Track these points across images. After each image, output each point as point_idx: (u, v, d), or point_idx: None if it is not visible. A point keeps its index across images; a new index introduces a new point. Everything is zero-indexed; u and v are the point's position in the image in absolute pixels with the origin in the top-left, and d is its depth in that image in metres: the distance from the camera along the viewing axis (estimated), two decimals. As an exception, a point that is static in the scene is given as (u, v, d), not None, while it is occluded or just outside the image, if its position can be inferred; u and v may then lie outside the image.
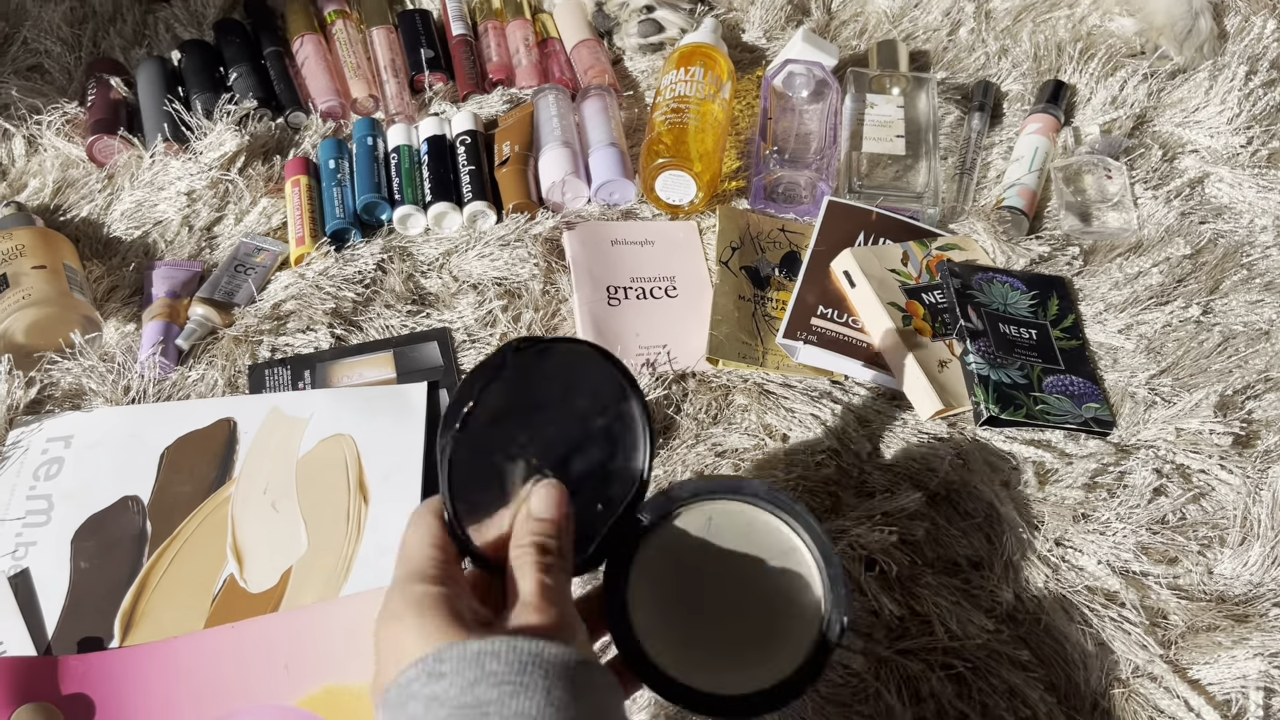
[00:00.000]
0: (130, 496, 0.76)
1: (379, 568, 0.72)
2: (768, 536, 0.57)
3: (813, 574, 0.56)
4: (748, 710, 0.52)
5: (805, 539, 0.56)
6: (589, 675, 0.44)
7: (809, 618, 0.54)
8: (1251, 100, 1.01)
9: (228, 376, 0.83)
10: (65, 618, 0.71)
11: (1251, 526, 0.75)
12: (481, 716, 0.40)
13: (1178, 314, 0.87)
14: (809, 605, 0.55)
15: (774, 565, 0.56)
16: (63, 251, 0.86)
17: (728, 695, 0.53)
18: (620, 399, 0.56)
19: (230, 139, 0.95)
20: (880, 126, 0.98)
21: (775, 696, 0.53)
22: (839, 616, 0.54)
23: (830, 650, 0.53)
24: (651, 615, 0.55)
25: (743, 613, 0.55)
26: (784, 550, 0.56)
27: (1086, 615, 0.71)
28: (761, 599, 0.55)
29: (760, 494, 0.57)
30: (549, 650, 0.43)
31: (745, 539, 0.57)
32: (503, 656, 0.42)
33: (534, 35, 1.09)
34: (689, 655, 0.54)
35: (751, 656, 0.54)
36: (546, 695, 0.41)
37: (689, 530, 0.57)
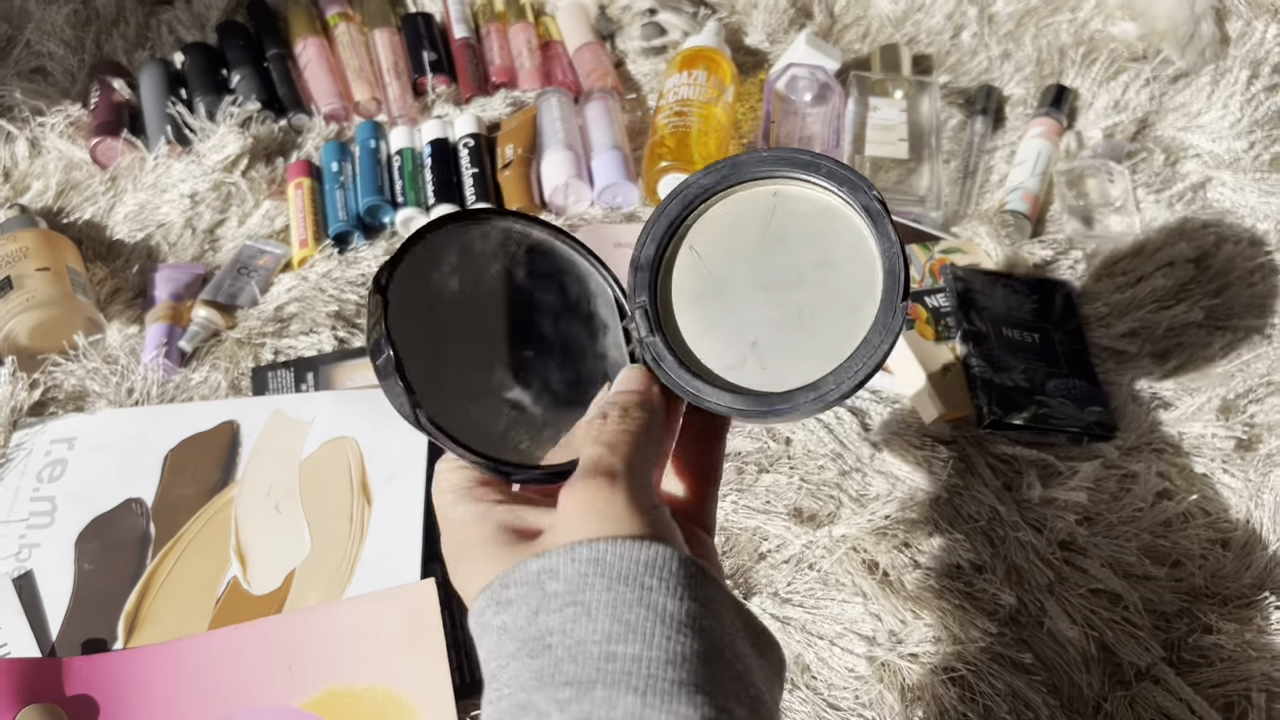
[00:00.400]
0: (134, 498, 0.76)
1: (382, 570, 0.72)
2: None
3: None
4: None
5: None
6: (675, 575, 0.36)
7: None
8: (1254, 105, 1.01)
9: (230, 379, 0.83)
10: (69, 619, 0.71)
11: (1254, 530, 0.75)
12: (545, 649, 0.35)
13: (1180, 317, 0.87)
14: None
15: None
16: (66, 254, 0.87)
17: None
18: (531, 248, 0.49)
19: (233, 141, 0.95)
20: (883, 130, 0.99)
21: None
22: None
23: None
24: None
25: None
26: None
27: (1090, 618, 0.71)
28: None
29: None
30: (613, 554, 0.36)
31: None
32: (560, 573, 0.36)
33: (537, 38, 1.09)
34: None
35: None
36: (613, 616, 0.35)
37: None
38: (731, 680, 0.35)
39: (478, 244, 0.47)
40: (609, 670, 0.33)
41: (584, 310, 0.50)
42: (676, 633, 0.34)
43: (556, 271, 0.50)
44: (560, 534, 0.38)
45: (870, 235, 0.45)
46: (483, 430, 0.44)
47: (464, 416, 0.43)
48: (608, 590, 0.35)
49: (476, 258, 0.47)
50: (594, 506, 0.38)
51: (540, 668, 0.35)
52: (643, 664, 0.33)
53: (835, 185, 0.45)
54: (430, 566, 0.73)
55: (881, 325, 0.43)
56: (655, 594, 0.35)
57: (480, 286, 0.47)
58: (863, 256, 0.45)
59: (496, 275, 0.48)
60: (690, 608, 0.36)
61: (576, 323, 0.49)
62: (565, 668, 0.34)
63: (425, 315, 0.44)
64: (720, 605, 0.37)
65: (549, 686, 0.34)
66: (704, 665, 0.34)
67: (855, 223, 0.46)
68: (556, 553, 0.37)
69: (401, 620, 0.70)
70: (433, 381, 0.42)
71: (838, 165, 0.46)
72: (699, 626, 0.35)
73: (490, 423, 0.45)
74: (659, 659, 0.34)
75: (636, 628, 0.34)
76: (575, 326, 0.49)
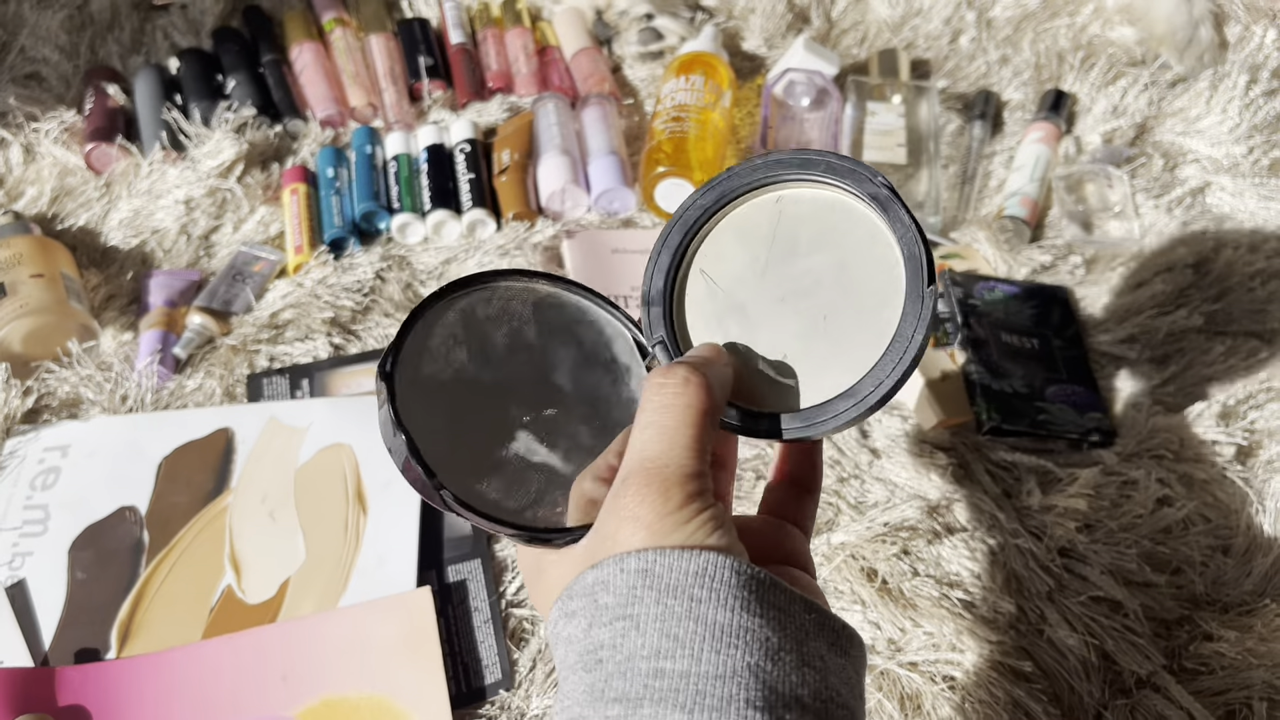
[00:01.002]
0: (127, 506, 0.76)
1: (378, 578, 0.72)
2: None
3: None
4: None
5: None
6: (726, 585, 0.35)
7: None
8: (1253, 109, 1.01)
9: (225, 386, 0.83)
10: (62, 628, 0.70)
11: (1255, 536, 0.75)
12: (597, 664, 0.34)
13: (1180, 323, 0.87)
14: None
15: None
16: (60, 260, 0.86)
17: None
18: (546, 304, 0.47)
19: (228, 147, 0.95)
20: (881, 135, 0.98)
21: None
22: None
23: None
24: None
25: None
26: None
27: (1090, 626, 0.70)
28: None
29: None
30: (661, 564, 0.35)
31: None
32: (611, 585, 0.35)
33: (533, 43, 1.09)
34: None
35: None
36: (661, 631, 0.34)
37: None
38: (795, 688, 0.34)
39: (480, 310, 0.46)
40: (656, 687, 0.33)
41: (603, 358, 0.48)
42: (727, 647, 0.33)
43: (568, 323, 0.48)
44: (613, 540, 0.37)
45: (882, 224, 0.43)
46: (514, 500, 0.43)
47: (492, 490, 0.42)
48: (656, 603, 0.34)
49: (482, 324, 0.46)
50: (638, 512, 0.36)
51: (592, 682, 0.34)
52: (691, 680, 0.33)
53: (837, 179, 0.43)
54: (426, 574, 0.73)
55: (911, 315, 0.40)
56: (705, 606, 0.34)
57: (490, 353, 0.45)
58: (878, 248, 0.43)
59: (506, 338, 0.46)
60: (743, 619, 0.34)
61: (597, 372, 0.47)
62: (615, 684, 0.34)
63: (436, 393, 0.43)
64: (786, 610, 0.36)
65: (599, 702, 0.34)
66: (756, 678, 0.33)
67: (865, 214, 0.43)
68: (608, 563, 0.36)
69: (397, 629, 0.69)
70: (453, 460, 0.41)
71: (836, 158, 0.44)
72: (755, 638, 0.34)
73: (521, 491, 0.43)
74: (708, 674, 0.33)
75: (685, 643, 0.33)
76: (597, 376, 0.47)
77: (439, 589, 0.72)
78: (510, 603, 0.72)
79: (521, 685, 0.69)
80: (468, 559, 0.74)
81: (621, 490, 0.37)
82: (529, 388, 0.46)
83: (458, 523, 0.76)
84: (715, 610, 0.34)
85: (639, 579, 0.34)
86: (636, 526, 0.36)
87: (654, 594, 0.34)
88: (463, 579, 0.73)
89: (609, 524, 0.37)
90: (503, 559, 0.74)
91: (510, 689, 0.68)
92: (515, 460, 0.44)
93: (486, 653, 0.70)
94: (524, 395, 0.45)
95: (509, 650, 0.70)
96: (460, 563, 0.74)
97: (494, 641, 0.70)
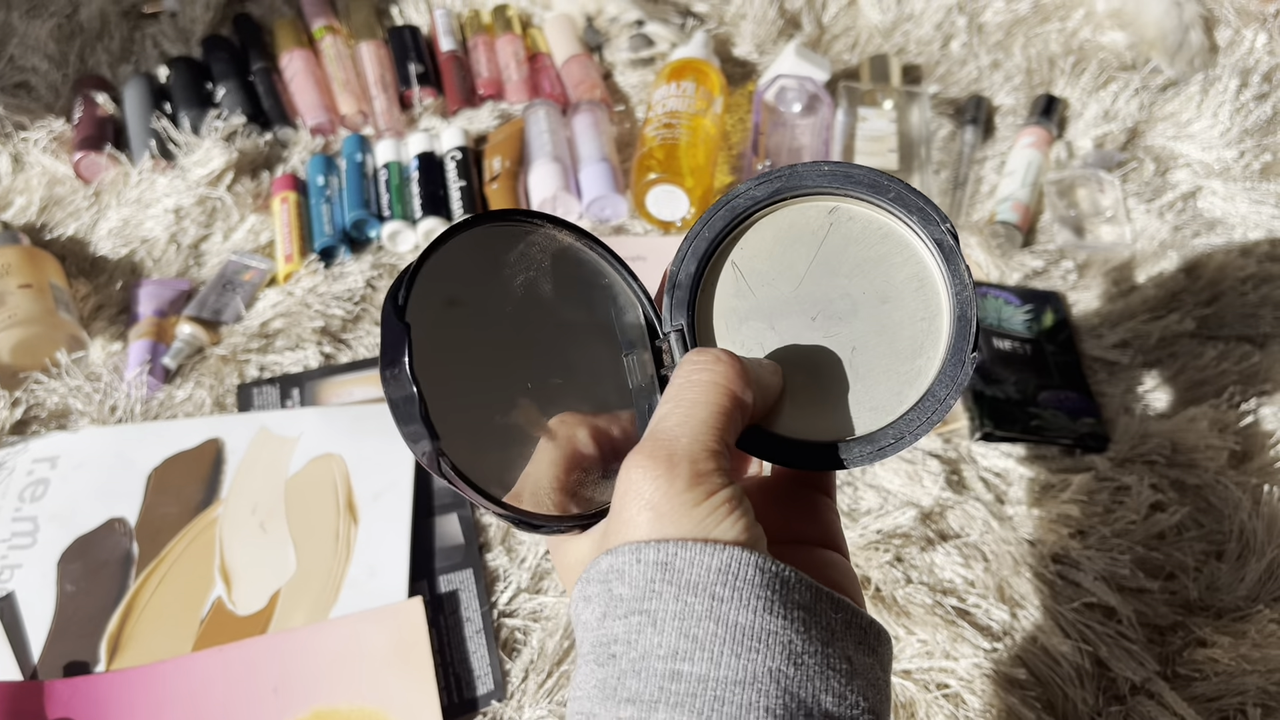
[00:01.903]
0: (117, 518, 0.75)
1: (368, 589, 0.71)
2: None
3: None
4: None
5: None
6: (750, 583, 0.33)
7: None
8: (1243, 113, 1.01)
9: (215, 396, 0.82)
10: (51, 641, 0.70)
11: (1248, 541, 0.74)
12: (610, 658, 0.33)
13: (1172, 327, 0.86)
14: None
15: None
16: (49, 270, 0.86)
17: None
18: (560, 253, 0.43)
19: (218, 155, 0.94)
20: (873, 140, 0.98)
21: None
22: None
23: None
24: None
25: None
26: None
27: (1084, 632, 0.70)
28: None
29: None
30: (682, 558, 0.33)
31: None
32: (627, 575, 0.33)
33: (524, 50, 1.09)
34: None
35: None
36: (680, 631, 0.32)
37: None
38: (818, 693, 0.32)
39: (501, 248, 0.41)
40: (673, 691, 0.31)
41: (612, 330, 0.44)
42: (749, 650, 0.32)
43: (586, 284, 0.44)
44: (620, 520, 0.34)
45: (936, 271, 0.40)
46: (508, 476, 0.39)
47: (489, 461, 0.38)
48: (675, 599, 0.32)
49: (501, 265, 0.41)
50: (643, 488, 0.34)
51: (604, 678, 0.33)
52: (709, 685, 0.31)
53: (902, 211, 0.41)
54: (417, 584, 0.72)
55: (948, 378, 0.39)
56: (727, 605, 0.32)
57: (505, 302, 0.41)
58: (926, 295, 0.40)
59: (522, 288, 0.42)
60: (765, 620, 0.32)
61: (605, 345, 0.44)
62: (629, 683, 0.32)
63: (446, 343, 0.38)
64: (811, 610, 0.34)
65: (611, 701, 0.32)
66: (777, 684, 0.31)
67: (922, 256, 0.41)
68: (623, 551, 0.33)
69: (388, 639, 0.69)
70: (455, 422, 0.36)
71: (908, 190, 0.41)
72: (777, 640, 0.32)
73: (516, 467, 0.39)
74: (727, 679, 0.31)
75: (704, 644, 0.32)
76: (603, 351, 0.44)
77: (430, 599, 0.72)
78: (502, 613, 0.72)
79: (513, 696, 0.68)
80: (459, 569, 0.73)
81: (629, 463, 0.35)
82: (538, 349, 0.42)
83: (450, 532, 0.75)
84: (737, 610, 0.32)
85: (657, 572, 0.33)
86: (641, 505, 0.34)
87: (673, 589, 0.32)
88: (454, 589, 0.73)
89: (617, 501, 0.35)
90: (495, 568, 0.74)
91: (502, 699, 0.68)
92: (514, 432, 0.40)
93: (478, 663, 0.69)
94: (531, 359, 0.41)
95: (501, 660, 0.70)
96: (452, 572, 0.73)
97: (486, 652, 0.70)
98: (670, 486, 0.34)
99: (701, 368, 0.37)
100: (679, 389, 0.36)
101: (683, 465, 0.34)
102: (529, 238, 0.42)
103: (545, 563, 0.74)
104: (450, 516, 0.76)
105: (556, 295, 0.42)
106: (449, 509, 0.76)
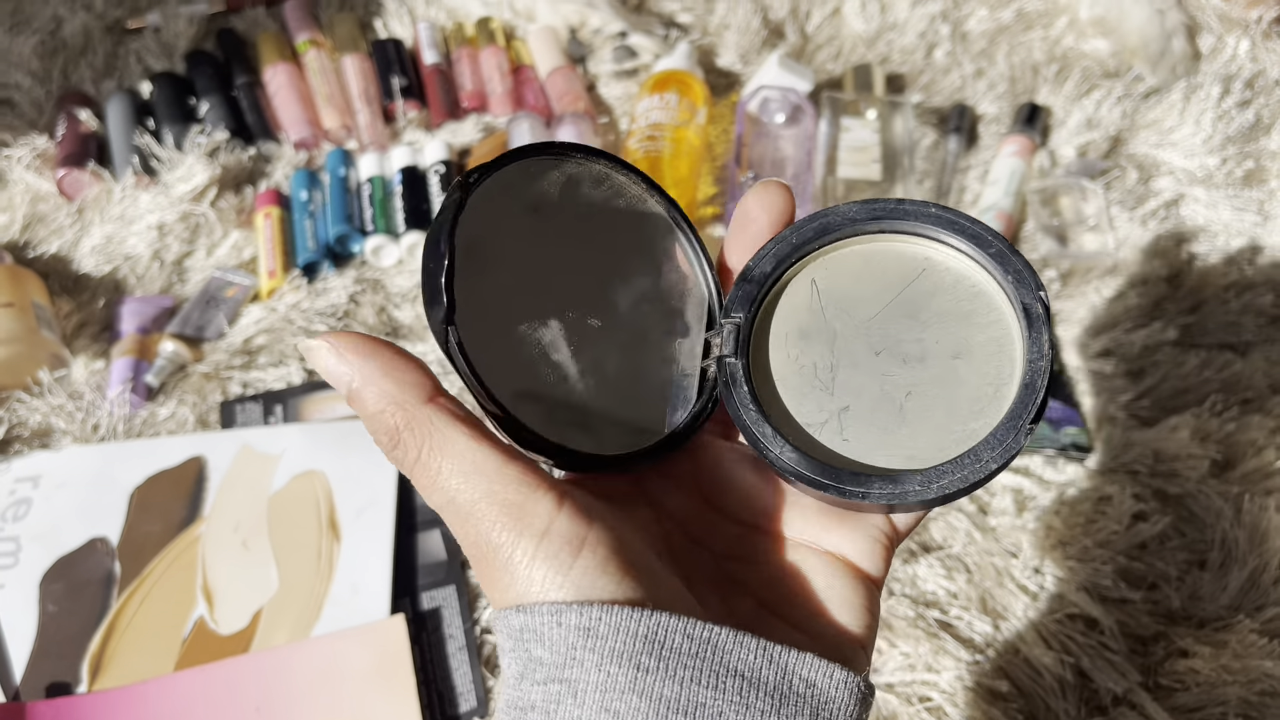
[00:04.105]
0: (99, 538, 0.75)
1: (351, 607, 0.71)
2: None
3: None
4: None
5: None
6: (678, 652, 0.30)
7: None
8: (1226, 121, 1.01)
9: (198, 413, 0.82)
10: (33, 662, 0.69)
11: (1230, 550, 0.75)
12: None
13: (1154, 336, 0.87)
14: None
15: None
16: (31, 288, 0.85)
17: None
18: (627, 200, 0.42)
19: (200, 171, 0.94)
20: (856, 151, 0.98)
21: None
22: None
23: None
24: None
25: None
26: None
27: (1066, 644, 0.70)
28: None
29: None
30: (606, 624, 0.30)
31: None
32: (546, 639, 0.30)
33: (508, 62, 1.09)
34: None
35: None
36: (601, 705, 0.29)
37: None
38: None
39: (587, 187, 0.40)
40: None
41: (671, 303, 0.42)
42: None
43: (653, 245, 0.42)
44: (541, 577, 0.31)
45: (1019, 339, 0.38)
46: (515, 382, 0.37)
47: (497, 357, 0.36)
48: (597, 669, 0.30)
49: (579, 200, 0.40)
50: (568, 551, 0.31)
51: None
52: None
53: (1000, 270, 0.39)
54: (400, 602, 0.72)
55: (997, 442, 0.36)
56: (652, 677, 0.30)
57: (571, 230, 0.40)
58: (1001, 359, 0.38)
59: (593, 227, 0.41)
60: (695, 693, 0.30)
61: (658, 310, 0.42)
62: None
63: (497, 239, 0.37)
64: (749, 678, 0.31)
65: None
66: None
67: (1007, 320, 0.39)
68: (541, 611, 0.30)
69: (371, 658, 0.69)
70: (478, 308, 0.35)
71: (1010, 250, 0.39)
72: (708, 713, 0.30)
73: (522, 379, 0.38)
74: None
75: (626, 719, 0.29)
76: (655, 314, 0.41)
77: (413, 616, 0.72)
78: (485, 629, 0.72)
79: (496, 713, 0.68)
80: (442, 585, 0.73)
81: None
82: (586, 287, 0.40)
83: (432, 549, 0.75)
84: (663, 683, 0.30)
85: (579, 637, 0.30)
86: (569, 564, 0.31)
87: (595, 658, 0.30)
88: (437, 606, 0.73)
89: (540, 539, 0.32)
90: (477, 585, 0.74)
91: (484, 717, 0.68)
92: (534, 345, 0.38)
93: (461, 680, 0.69)
94: (578, 290, 0.40)
95: (484, 677, 0.70)
96: (434, 589, 0.73)
97: (468, 669, 0.70)
98: (594, 551, 0.31)
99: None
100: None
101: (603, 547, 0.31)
102: (614, 182, 0.41)
103: (528, 578, 0.74)
104: (433, 533, 0.76)
105: (623, 245, 0.41)
106: (431, 525, 0.76)
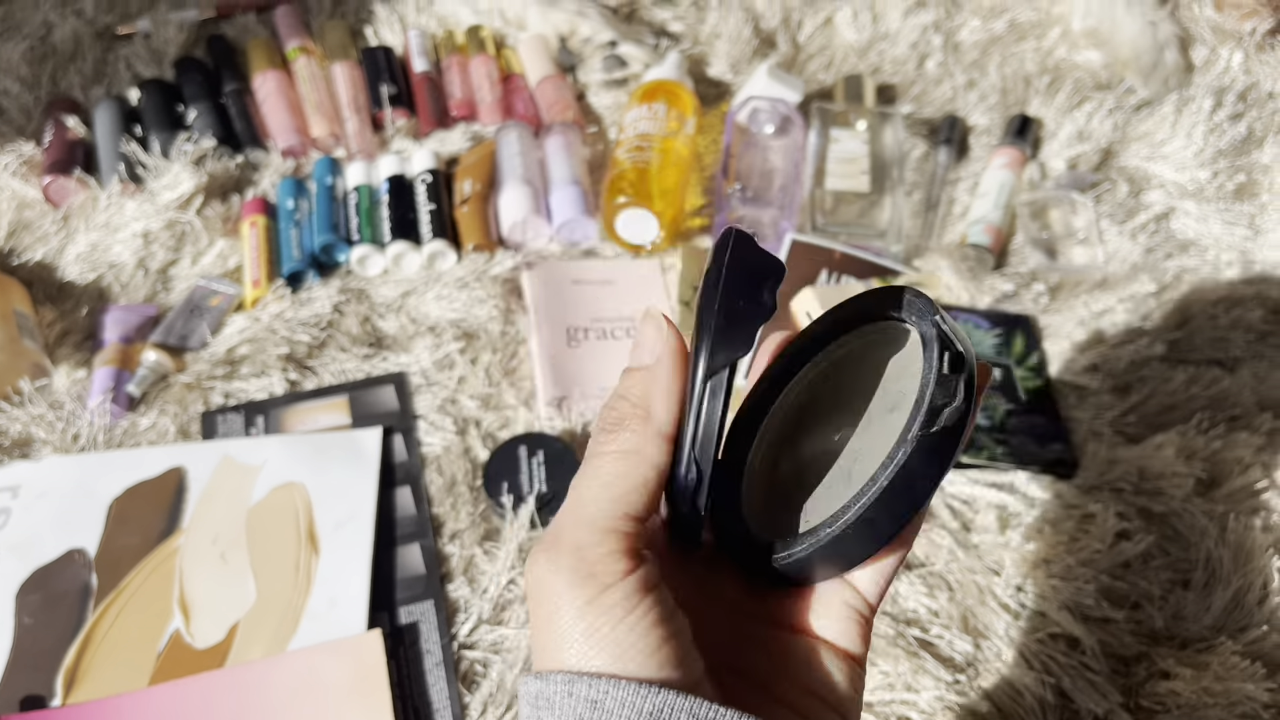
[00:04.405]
0: (76, 549, 0.75)
1: (328, 620, 0.71)
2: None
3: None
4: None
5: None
6: None
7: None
8: (1217, 133, 1.01)
9: (180, 424, 0.82)
10: (7, 675, 0.69)
11: (1214, 569, 0.74)
12: None
13: (1142, 352, 0.86)
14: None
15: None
16: (13, 297, 0.85)
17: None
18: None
19: (187, 179, 0.94)
20: (845, 162, 0.98)
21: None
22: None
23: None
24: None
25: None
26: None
27: (1047, 664, 0.70)
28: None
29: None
30: (613, 699, 0.31)
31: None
32: (555, 707, 0.31)
33: (498, 71, 1.09)
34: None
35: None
36: None
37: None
38: None
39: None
40: None
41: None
42: None
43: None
44: (557, 638, 0.32)
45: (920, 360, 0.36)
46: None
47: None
48: None
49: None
50: (571, 599, 0.31)
51: None
52: None
53: (913, 317, 0.37)
54: (377, 616, 0.72)
55: (889, 460, 0.34)
56: None
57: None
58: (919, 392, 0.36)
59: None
60: None
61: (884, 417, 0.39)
62: None
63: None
64: None
65: None
66: None
67: (915, 349, 0.37)
68: (553, 680, 0.31)
69: (347, 672, 0.68)
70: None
71: (910, 291, 0.38)
72: None
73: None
74: None
75: None
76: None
77: (391, 631, 0.71)
78: (463, 645, 0.71)
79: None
80: (420, 599, 0.73)
81: (534, 552, 0.32)
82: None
83: (411, 563, 0.75)
84: None
85: (587, 709, 0.30)
86: (575, 634, 0.31)
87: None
88: (415, 620, 0.72)
89: (532, 599, 0.33)
90: (456, 599, 0.73)
91: (460, 734, 0.68)
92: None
93: (437, 696, 0.69)
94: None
95: (460, 694, 0.69)
96: (413, 604, 0.73)
97: (445, 685, 0.69)
98: (583, 590, 0.32)
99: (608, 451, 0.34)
100: (586, 484, 0.34)
101: (591, 565, 0.32)
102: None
103: (507, 593, 0.73)
104: (412, 547, 0.75)
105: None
106: (411, 539, 0.76)
